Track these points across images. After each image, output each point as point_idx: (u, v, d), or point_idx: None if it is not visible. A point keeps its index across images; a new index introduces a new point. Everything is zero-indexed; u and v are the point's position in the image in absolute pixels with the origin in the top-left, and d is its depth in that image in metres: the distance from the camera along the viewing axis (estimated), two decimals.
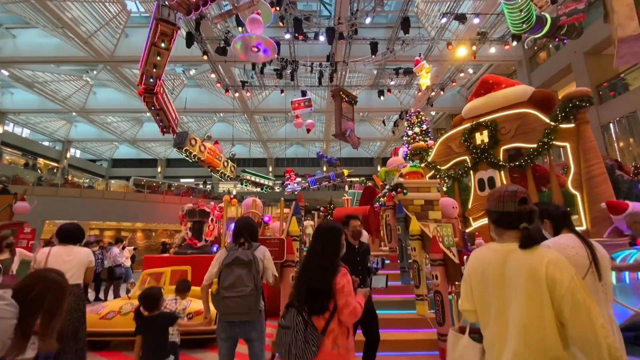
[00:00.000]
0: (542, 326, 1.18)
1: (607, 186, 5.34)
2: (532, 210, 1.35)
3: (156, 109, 8.28)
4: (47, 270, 1.65)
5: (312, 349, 1.70)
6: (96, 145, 30.21)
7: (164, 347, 2.52)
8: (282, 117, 24.09)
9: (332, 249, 1.95)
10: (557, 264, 1.21)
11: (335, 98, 10.66)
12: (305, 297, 1.79)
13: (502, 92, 6.72)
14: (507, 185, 1.45)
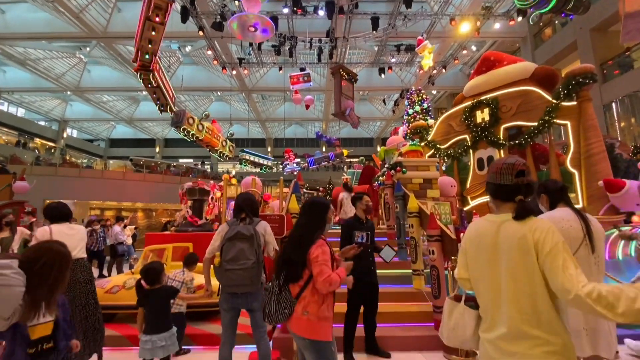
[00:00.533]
0: (532, 292, 1.22)
1: (606, 164, 5.35)
2: (530, 183, 1.36)
3: (153, 86, 8.13)
4: (51, 242, 1.67)
5: (284, 311, 1.83)
6: (93, 125, 29.87)
7: (166, 319, 2.60)
8: (280, 96, 23.73)
9: (316, 222, 2.01)
10: (542, 230, 1.24)
11: (335, 75, 10.45)
12: (283, 265, 1.91)
13: (504, 69, 6.59)
14: (506, 157, 1.45)
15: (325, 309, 1.86)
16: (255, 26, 7.17)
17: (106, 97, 23.95)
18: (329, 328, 1.88)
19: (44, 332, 1.82)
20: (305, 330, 1.82)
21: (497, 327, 1.29)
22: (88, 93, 22.32)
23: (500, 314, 1.28)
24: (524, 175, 1.35)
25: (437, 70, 17.33)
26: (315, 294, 1.85)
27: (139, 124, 28.83)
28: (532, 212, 1.32)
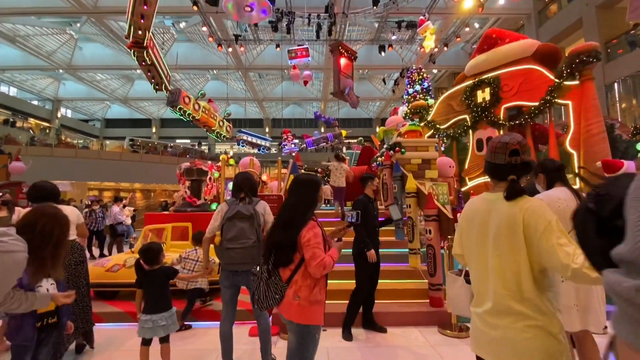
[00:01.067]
0: (517, 270, 1.25)
1: (605, 145, 5.34)
2: (525, 162, 1.34)
3: (147, 64, 7.91)
4: (45, 206, 1.67)
5: (275, 296, 1.76)
6: (87, 105, 29.35)
7: (165, 299, 2.63)
8: (278, 75, 23.23)
9: (306, 202, 1.88)
10: (534, 210, 1.23)
11: (334, 53, 10.20)
12: (272, 248, 1.81)
13: (506, 47, 6.43)
14: (503, 135, 1.42)
15: (317, 292, 1.78)
16: (251, 6, 6.94)
17: (99, 75, 23.37)
18: (320, 312, 1.81)
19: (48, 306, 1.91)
20: (297, 315, 1.75)
21: (484, 301, 1.33)
22: (80, 71, 21.75)
23: (487, 289, 1.32)
24: (517, 155, 1.33)
25: (439, 48, 16.90)
26: (307, 278, 1.77)
27: (135, 103, 28.33)
28: (523, 192, 1.30)
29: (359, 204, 3.44)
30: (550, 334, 1.20)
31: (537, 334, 1.20)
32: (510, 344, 1.22)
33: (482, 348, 1.34)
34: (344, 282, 3.96)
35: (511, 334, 1.22)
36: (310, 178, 1.97)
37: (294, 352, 1.81)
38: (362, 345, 3.14)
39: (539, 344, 1.19)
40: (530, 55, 6.09)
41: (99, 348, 3.11)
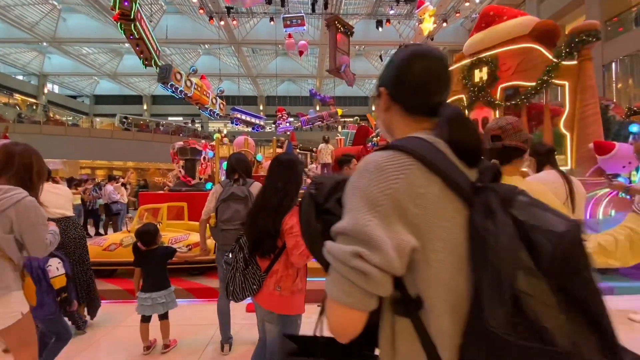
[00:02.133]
0: None
1: (598, 127, 5.37)
2: (509, 147, 1.35)
3: (135, 38, 7.60)
4: (8, 143, 1.71)
5: (252, 286, 1.65)
6: (75, 80, 28.39)
7: (163, 278, 2.69)
8: (272, 50, 22.57)
9: (296, 185, 1.71)
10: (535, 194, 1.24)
11: (330, 28, 9.90)
12: (253, 235, 1.67)
13: (503, 25, 6.29)
14: (495, 119, 1.45)
15: (298, 281, 1.69)
16: None
17: (86, 49, 22.47)
18: (302, 300, 1.73)
19: (60, 283, 2.05)
20: (278, 306, 1.66)
21: None
22: (65, 44, 20.87)
23: None
24: (499, 139, 1.35)
25: (437, 24, 16.46)
26: (289, 268, 1.66)
27: (124, 79, 27.47)
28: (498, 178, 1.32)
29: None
30: None
31: None
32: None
33: None
34: None
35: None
36: (294, 158, 1.81)
37: (275, 343, 1.70)
38: None
39: None
40: (528, 33, 5.97)
41: (98, 324, 3.19)
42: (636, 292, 3.67)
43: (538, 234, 0.51)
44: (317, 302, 3.03)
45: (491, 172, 0.64)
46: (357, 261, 0.54)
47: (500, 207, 0.55)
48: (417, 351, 0.58)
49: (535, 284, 0.49)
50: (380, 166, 0.59)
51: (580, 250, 0.50)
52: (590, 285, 0.49)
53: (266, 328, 1.74)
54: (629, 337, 2.67)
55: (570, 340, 0.47)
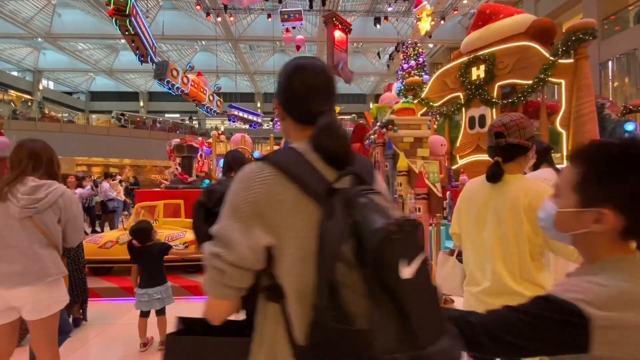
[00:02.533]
0: (517, 251, 1.28)
1: (594, 125, 5.40)
2: (511, 144, 1.33)
3: (131, 34, 7.55)
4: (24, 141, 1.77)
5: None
6: (70, 76, 28.12)
7: (160, 274, 2.70)
8: (269, 47, 22.45)
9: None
10: (538, 193, 1.24)
11: (328, 24, 9.86)
12: None
13: (499, 24, 6.30)
14: (502, 115, 1.43)
15: None
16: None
17: (81, 45, 22.23)
18: None
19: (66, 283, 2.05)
20: None
21: (481, 281, 1.36)
22: (61, 40, 20.65)
23: (485, 269, 1.35)
24: (502, 137, 1.34)
25: (435, 21, 16.43)
26: None
27: (120, 75, 27.25)
28: (500, 175, 1.33)
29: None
30: None
31: None
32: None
33: None
34: None
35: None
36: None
37: None
38: None
39: None
40: (524, 31, 5.99)
41: (94, 322, 3.18)
42: None
43: (364, 231, 0.57)
44: None
45: (352, 176, 0.70)
46: (215, 260, 0.65)
47: (341, 208, 0.61)
48: (280, 333, 0.66)
49: (350, 274, 0.57)
50: (246, 178, 0.69)
51: (389, 245, 0.55)
52: (398, 280, 0.55)
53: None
54: None
55: (369, 322, 0.55)
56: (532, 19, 6.06)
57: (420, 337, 0.56)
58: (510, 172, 1.34)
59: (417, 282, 0.57)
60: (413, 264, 0.57)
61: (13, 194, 1.55)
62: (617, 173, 0.63)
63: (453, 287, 1.59)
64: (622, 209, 0.62)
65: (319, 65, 0.77)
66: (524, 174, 1.40)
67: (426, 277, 0.60)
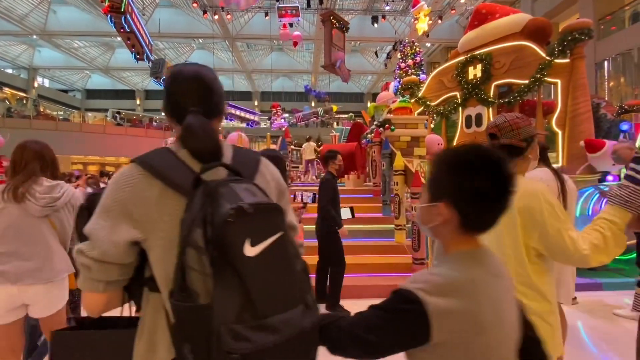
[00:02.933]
0: (513, 254, 1.25)
1: (589, 125, 5.43)
2: (504, 145, 1.31)
3: (127, 32, 7.50)
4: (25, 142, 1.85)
5: None
6: (66, 74, 27.89)
7: None
8: (267, 45, 22.40)
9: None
10: (531, 195, 1.21)
11: (325, 23, 9.84)
12: None
13: (495, 23, 6.32)
14: (499, 115, 1.41)
15: None
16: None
17: (77, 42, 22.05)
18: None
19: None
20: None
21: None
22: (56, 37, 20.47)
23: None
24: (495, 138, 1.32)
25: (433, 20, 16.43)
26: None
27: (117, 73, 27.06)
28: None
29: (328, 185, 3.44)
30: (544, 321, 1.19)
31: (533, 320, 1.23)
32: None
33: None
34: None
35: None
36: (277, 154, 1.79)
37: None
38: None
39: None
40: (520, 30, 6.00)
41: None
42: (622, 288, 3.74)
43: (213, 217, 0.63)
44: None
45: (225, 168, 0.76)
46: (80, 256, 0.70)
47: (200, 199, 0.67)
48: (160, 322, 0.71)
49: (199, 258, 0.63)
50: (116, 180, 0.75)
51: (230, 227, 0.61)
52: (240, 259, 0.62)
53: None
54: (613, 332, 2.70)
55: (212, 299, 0.61)
56: (528, 18, 6.07)
57: (261, 309, 0.62)
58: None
59: (265, 259, 0.64)
60: (261, 244, 0.64)
61: (31, 194, 1.63)
62: (450, 173, 0.74)
63: None
64: (453, 203, 0.71)
65: (192, 69, 0.83)
66: (523, 175, 1.36)
67: (279, 255, 0.68)
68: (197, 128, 0.76)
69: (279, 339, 0.63)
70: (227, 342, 0.59)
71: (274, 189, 0.86)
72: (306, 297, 0.71)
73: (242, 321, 0.61)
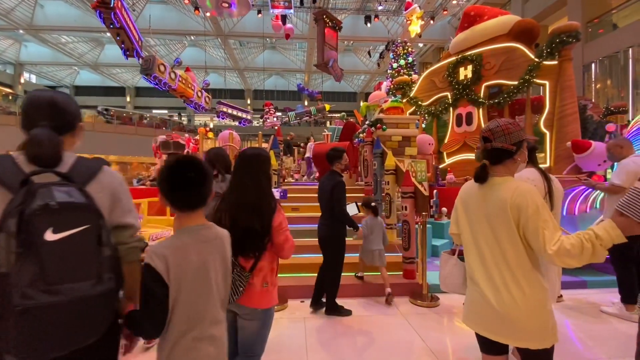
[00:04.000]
0: (512, 248, 1.33)
1: (576, 126, 5.53)
2: (496, 148, 1.39)
3: (116, 27, 7.35)
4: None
5: (239, 289, 1.58)
6: (53, 70, 27.30)
7: None
8: (259, 43, 22.26)
9: (268, 180, 1.70)
10: (524, 193, 1.31)
11: (318, 22, 9.80)
12: (241, 238, 1.58)
13: (482, 25, 6.41)
14: (493, 120, 1.49)
15: (276, 274, 1.73)
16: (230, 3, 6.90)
17: (65, 37, 21.59)
18: (277, 292, 1.75)
19: None
20: (262, 301, 1.63)
21: (481, 278, 1.41)
22: (43, 32, 20.00)
23: (485, 267, 1.40)
24: (489, 142, 1.41)
25: (425, 21, 16.52)
26: (273, 262, 1.68)
27: (106, 70, 26.59)
28: (485, 177, 1.41)
29: (342, 187, 3.21)
30: (544, 308, 1.30)
31: (534, 307, 1.29)
32: (509, 318, 1.30)
33: (479, 324, 1.42)
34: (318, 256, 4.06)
35: (509, 309, 1.30)
36: (262, 152, 1.76)
37: (255, 338, 1.67)
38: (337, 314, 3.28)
39: (535, 317, 1.29)
40: (507, 32, 6.08)
41: None
42: (607, 286, 3.82)
43: (26, 210, 0.85)
44: (300, 298, 3.05)
45: (52, 173, 0.95)
46: None
47: (21, 196, 0.87)
48: None
49: (8, 240, 0.83)
50: None
51: (35, 218, 0.84)
52: (41, 242, 0.84)
53: (242, 325, 1.65)
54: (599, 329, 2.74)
55: (7, 270, 0.82)
56: (515, 20, 6.15)
57: (51, 278, 0.85)
58: (500, 175, 1.40)
59: (65, 244, 0.87)
60: (63, 232, 0.87)
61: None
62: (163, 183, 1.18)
63: (455, 285, 1.66)
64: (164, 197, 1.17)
65: (47, 94, 1.05)
66: (512, 176, 1.43)
67: (81, 242, 0.91)
68: (41, 138, 0.95)
69: (61, 300, 0.86)
70: (15, 300, 0.81)
71: (107, 195, 1.09)
72: (102, 274, 0.95)
73: (34, 286, 0.83)
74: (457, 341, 2.79)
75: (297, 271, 3.94)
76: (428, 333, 2.89)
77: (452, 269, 1.68)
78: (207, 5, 6.80)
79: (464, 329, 2.90)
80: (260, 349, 1.71)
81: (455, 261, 1.68)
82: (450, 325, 3.08)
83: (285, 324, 3.07)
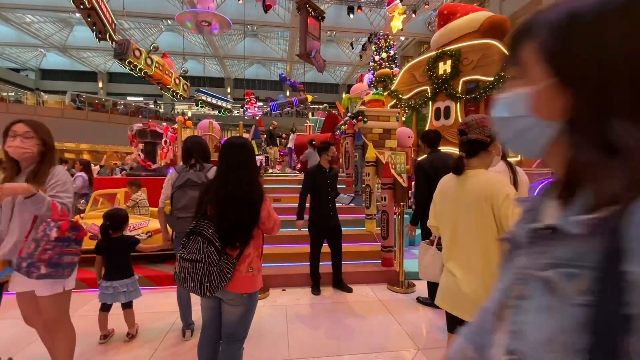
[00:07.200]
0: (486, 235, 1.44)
1: None
2: (471, 140, 1.49)
3: (86, 7, 6.97)
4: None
5: (226, 276, 1.59)
6: (17, 52, 25.51)
7: (126, 267, 2.58)
8: (240, 30, 21.66)
9: (255, 169, 1.71)
10: (495, 183, 1.43)
11: (301, 11, 9.67)
12: (223, 228, 1.57)
13: (454, 24, 6.62)
14: (470, 116, 1.57)
15: (260, 259, 1.76)
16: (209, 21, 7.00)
17: (29, 17, 20.17)
18: (262, 277, 1.78)
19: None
20: (247, 286, 1.66)
21: (457, 264, 1.52)
22: (6, 11, 18.60)
23: (460, 254, 1.51)
24: (464, 134, 1.51)
25: (407, 14, 16.63)
26: (258, 248, 1.71)
27: (76, 53, 25.13)
28: (461, 169, 1.51)
29: (307, 177, 3.55)
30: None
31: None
32: (480, 300, 1.40)
33: (453, 306, 1.52)
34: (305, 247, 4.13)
35: (481, 292, 1.40)
36: (246, 142, 1.74)
37: (238, 323, 1.70)
38: (316, 302, 3.38)
39: None
40: (477, 29, 6.30)
41: None
42: None
43: None
44: (282, 287, 3.14)
45: None
46: None
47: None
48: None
49: None
50: None
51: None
52: None
53: (226, 310, 1.68)
54: None
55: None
56: (485, 16, 6.34)
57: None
58: (474, 167, 1.50)
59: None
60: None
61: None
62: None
63: (434, 274, 1.75)
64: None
65: None
66: (487, 168, 1.53)
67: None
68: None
69: None
70: None
71: None
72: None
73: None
74: (431, 323, 2.94)
75: (279, 261, 4.00)
76: (404, 317, 3.04)
77: (431, 259, 1.78)
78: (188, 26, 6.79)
79: (437, 312, 3.06)
80: (244, 333, 1.75)
81: (433, 251, 1.78)
82: (424, 310, 3.24)
83: (267, 311, 3.13)
